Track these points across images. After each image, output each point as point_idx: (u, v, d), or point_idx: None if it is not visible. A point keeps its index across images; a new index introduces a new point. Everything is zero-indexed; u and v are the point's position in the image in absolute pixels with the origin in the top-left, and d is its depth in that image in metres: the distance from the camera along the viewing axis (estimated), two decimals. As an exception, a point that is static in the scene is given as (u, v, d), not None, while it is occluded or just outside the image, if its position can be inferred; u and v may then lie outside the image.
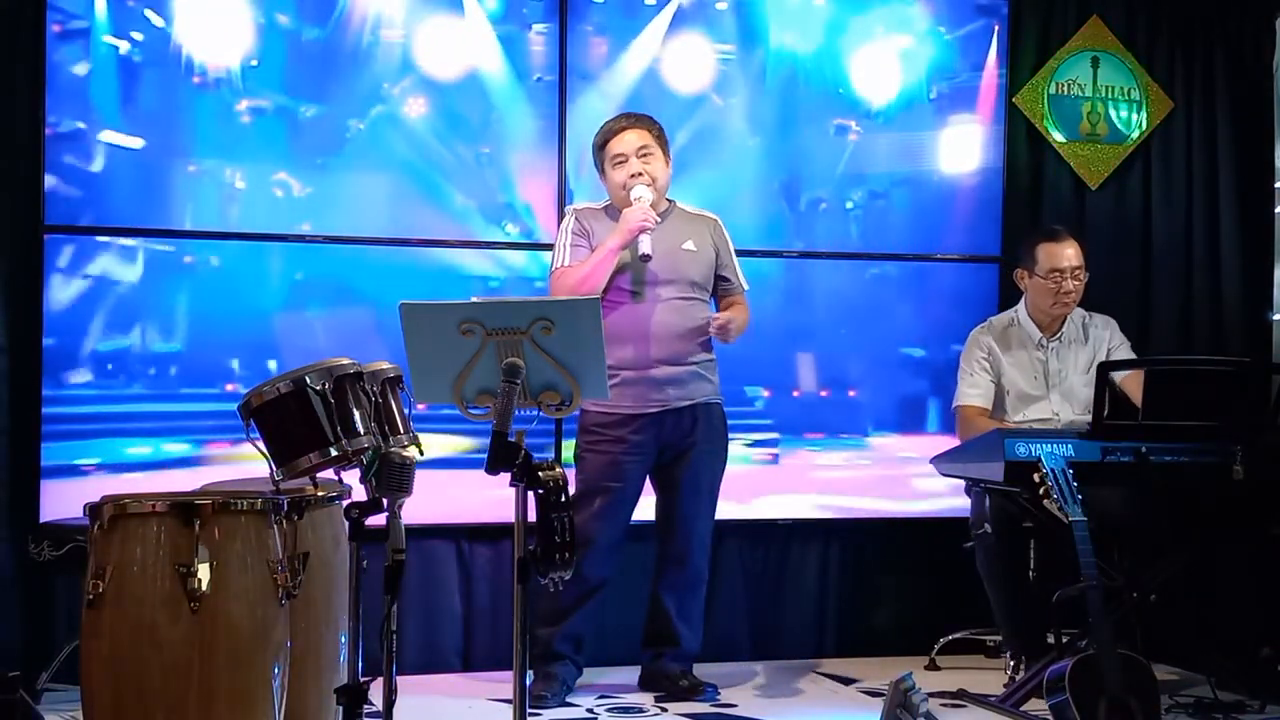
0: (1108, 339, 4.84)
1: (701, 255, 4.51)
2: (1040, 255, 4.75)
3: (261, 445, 2.98)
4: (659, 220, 4.37)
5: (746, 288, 4.63)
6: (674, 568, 4.52)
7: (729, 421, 4.60)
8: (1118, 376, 4.57)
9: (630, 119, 4.52)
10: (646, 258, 4.29)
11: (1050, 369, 4.77)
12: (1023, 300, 4.87)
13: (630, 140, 4.45)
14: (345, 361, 3.08)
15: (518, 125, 5.00)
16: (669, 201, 4.58)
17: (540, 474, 2.82)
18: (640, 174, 4.40)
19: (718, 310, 4.56)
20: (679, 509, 4.49)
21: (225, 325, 4.76)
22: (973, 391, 4.77)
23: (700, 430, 4.46)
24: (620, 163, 4.44)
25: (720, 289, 4.58)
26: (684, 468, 4.47)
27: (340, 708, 2.89)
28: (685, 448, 4.45)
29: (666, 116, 5.09)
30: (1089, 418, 4.57)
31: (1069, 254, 4.73)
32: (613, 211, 4.49)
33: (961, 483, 4.65)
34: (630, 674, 4.66)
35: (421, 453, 3.14)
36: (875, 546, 5.35)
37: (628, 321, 4.38)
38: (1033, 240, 4.86)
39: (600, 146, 4.50)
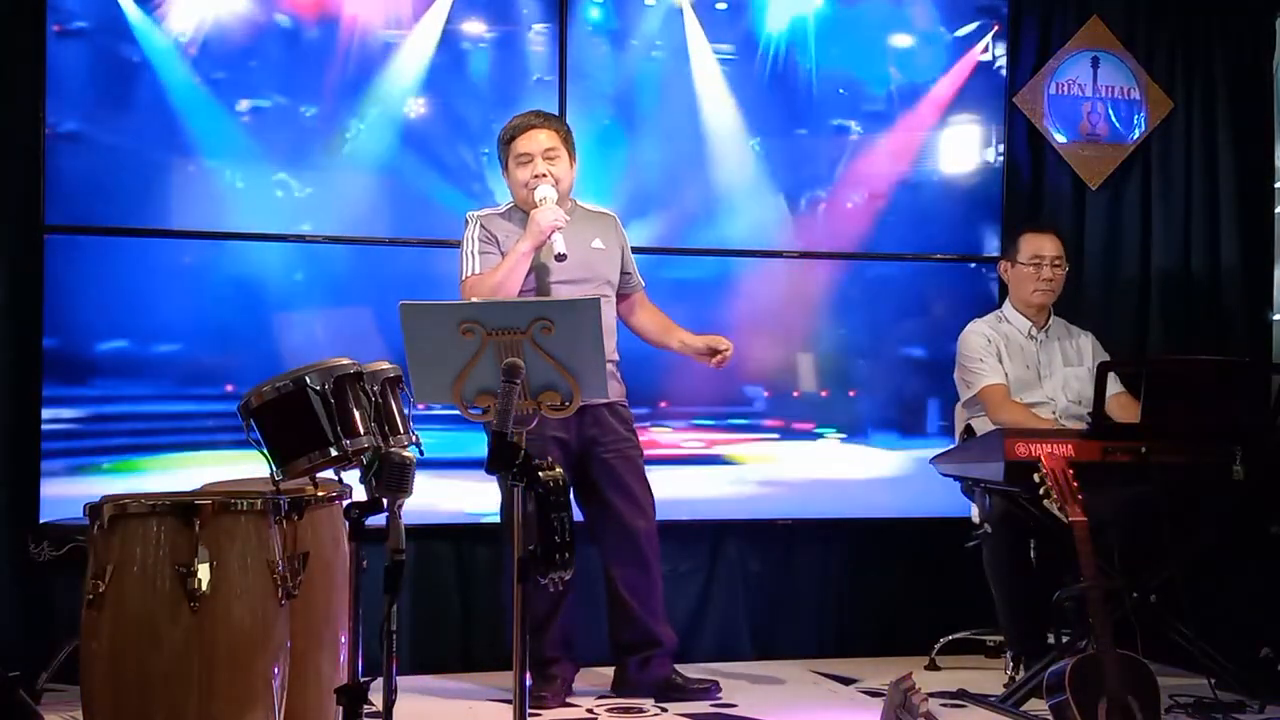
0: (1090, 350, 4.85)
1: (610, 253, 4.49)
2: (1022, 244, 4.84)
3: (262, 445, 2.98)
4: (568, 219, 4.30)
5: (643, 284, 4.62)
6: (625, 570, 4.46)
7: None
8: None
9: (539, 117, 4.46)
10: (562, 257, 4.22)
11: (1040, 360, 4.79)
12: (1007, 298, 4.92)
13: (538, 140, 4.38)
14: (345, 361, 3.08)
15: (517, 125, 5.00)
16: (571, 201, 4.51)
17: (540, 474, 2.82)
18: (544, 175, 4.35)
19: (617, 305, 4.52)
20: (615, 513, 4.44)
21: (225, 325, 4.76)
22: (991, 373, 4.72)
23: (615, 430, 4.44)
24: (525, 162, 4.38)
25: (621, 285, 4.55)
26: (605, 472, 4.42)
27: (340, 708, 2.89)
28: (602, 448, 4.41)
29: (666, 115, 5.11)
30: (1082, 407, 4.60)
31: (1050, 245, 4.82)
32: (515, 213, 4.44)
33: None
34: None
35: (422, 453, 3.14)
36: (875, 546, 5.34)
37: None
38: (1017, 231, 4.96)
39: (506, 143, 4.43)
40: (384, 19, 4.89)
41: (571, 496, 4.40)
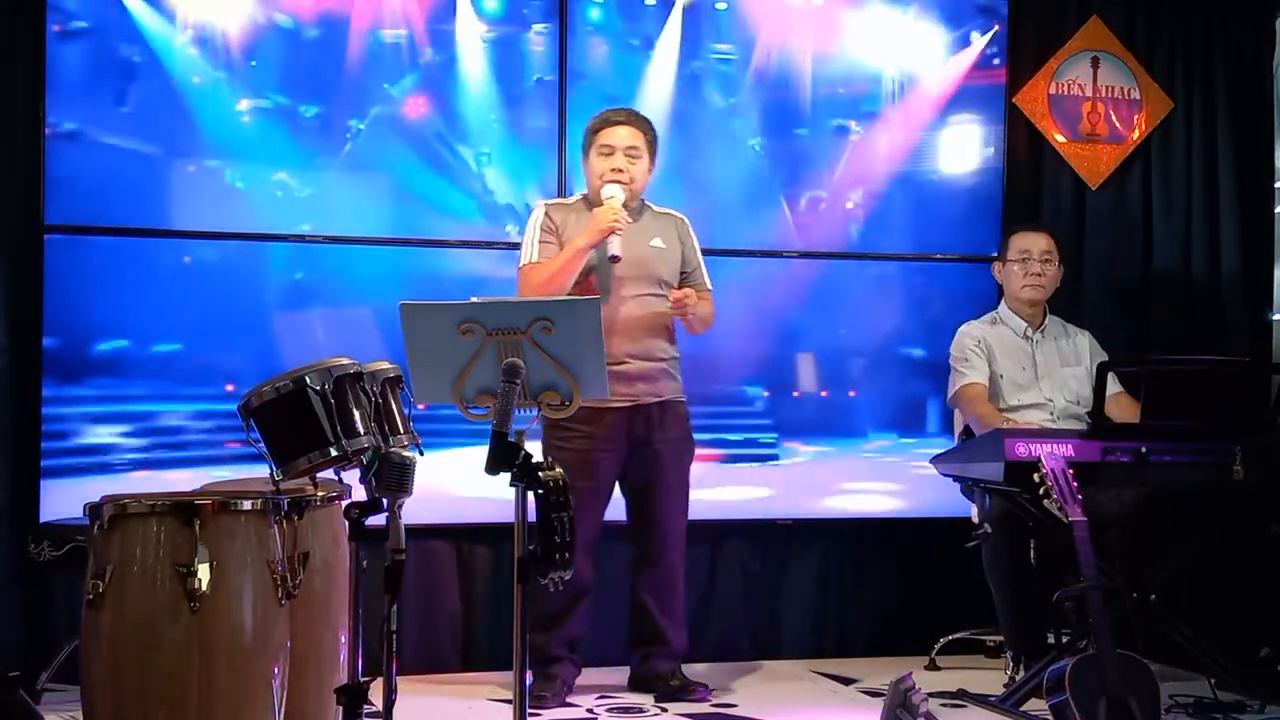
0: (1088, 349, 4.86)
1: (669, 253, 4.51)
2: (1011, 242, 4.90)
3: (261, 445, 2.98)
4: (629, 221, 4.33)
5: (710, 288, 4.61)
6: (651, 568, 4.50)
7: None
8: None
9: (629, 115, 4.52)
10: (615, 259, 4.26)
11: (1037, 360, 4.80)
12: (1002, 299, 4.95)
13: (622, 135, 4.44)
14: (345, 361, 3.08)
15: (518, 125, 5.00)
16: (641, 202, 4.54)
17: (540, 474, 2.82)
18: (621, 169, 4.39)
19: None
20: (654, 509, 4.47)
21: (225, 325, 4.76)
22: (972, 372, 4.77)
23: (668, 428, 4.45)
24: (606, 154, 4.43)
25: (683, 282, 4.54)
26: (653, 467, 4.44)
27: (340, 708, 2.89)
28: (653, 445, 4.43)
29: (666, 116, 5.10)
30: (1080, 407, 4.60)
31: (1039, 241, 4.85)
32: (585, 204, 4.48)
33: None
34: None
35: (422, 453, 3.14)
36: (875, 546, 5.35)
37: None
38: (1010, 230, 5.02)
39: (593, 131, 4.49)
40: (385, 19, 4.89)
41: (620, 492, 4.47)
